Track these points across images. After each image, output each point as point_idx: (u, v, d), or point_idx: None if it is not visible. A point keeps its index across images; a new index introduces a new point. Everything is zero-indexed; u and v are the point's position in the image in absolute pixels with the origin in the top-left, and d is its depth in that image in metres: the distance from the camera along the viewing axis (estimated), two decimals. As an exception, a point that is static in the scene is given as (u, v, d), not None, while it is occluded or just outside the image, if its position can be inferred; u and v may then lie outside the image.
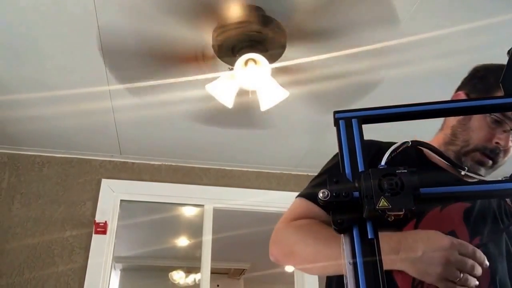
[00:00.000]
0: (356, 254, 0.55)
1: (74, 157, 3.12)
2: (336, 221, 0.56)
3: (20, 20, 1.91)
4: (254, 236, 4.25)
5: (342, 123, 0.64)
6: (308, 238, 0.96)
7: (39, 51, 2.10)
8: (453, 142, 1.09)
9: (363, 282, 0.53)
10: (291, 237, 1.00)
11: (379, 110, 0.65)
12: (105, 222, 2.92)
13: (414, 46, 2.06)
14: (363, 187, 0.56)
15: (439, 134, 1.16)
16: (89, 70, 2.23)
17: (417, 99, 0.67)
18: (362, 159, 0.60)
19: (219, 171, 3.31)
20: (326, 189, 0.57)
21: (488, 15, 1.89)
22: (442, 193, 0.58)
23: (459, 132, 1.08)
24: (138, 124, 2.76)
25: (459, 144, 1.08)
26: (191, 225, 4.14)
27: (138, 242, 4.85)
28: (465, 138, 1.07)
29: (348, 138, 0.62)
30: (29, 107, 2.52)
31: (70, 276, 2.79)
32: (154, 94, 2.40)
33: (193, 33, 1.97)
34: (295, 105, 2.49)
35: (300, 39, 2.01)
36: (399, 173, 0.55)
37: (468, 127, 1.07)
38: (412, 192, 0.54)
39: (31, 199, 2.96)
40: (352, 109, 0.65)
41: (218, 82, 2.06)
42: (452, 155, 1.08)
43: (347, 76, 2.28)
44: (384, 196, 0.54)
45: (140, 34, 1.99)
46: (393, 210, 0.53)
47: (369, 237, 0.55)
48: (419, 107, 0.66)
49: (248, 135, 2.90)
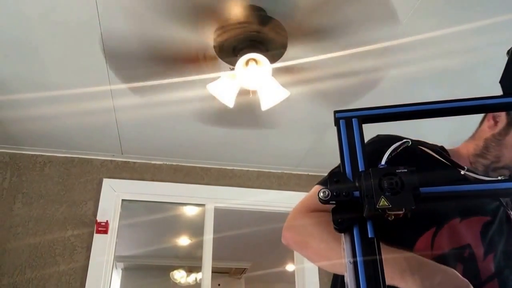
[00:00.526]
0: (356, 253, 0.55)
1: (75, 156, 3.13)
2: (336, 220, 0.57)
3: (21, 20, 1.91)
4: (255, 235, 4.26)
5: (343, 123, 0.64)
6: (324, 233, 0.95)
7: (40, 51, 2.11)
8: (484, 155, 1.06)
9: (363, 281, 0.53)
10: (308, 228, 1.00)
11: (379, 110, 0.66)
12: (107, 222, 2.93)
13: (414, 46, 2.06)
14: (364, 187, 0.56)
15: (470, 143, 1.12)
16: (91, 70, 2.23)
17: (417, 99, 0.67)
18: (362, 159, 0.61)
19: (220, 171, 3.32)
20: (326, 188, 0.57)
21: (488, 15, 1.89)
22: (442, 192, 0.58)
23: (492, 146, 1.05)
24: (139, 124, 2.77)
25: (489, 159, 1.05)
26: (192, 225, 4.14)
27: (139, 242, 4.85)
28: (497, 154, 1.04)
29: (349, 138, 0.63)
30: (31, 107, 2.52)
31: (71, 276, 2.80)
32: (156, 93, 2.40)
33: (194, 34, 1.97)
34: (296, 105, 2.49)
35: (301, 39, 2.01)
36: (399, 172, 0.56)
37: (502, 143, 1.04)
38: (412, 192, 0.55)
39: (33, 199, 2.96)
40: (352, 108, 0.65)
41: (219, 82, 2.07)
42: (481, 168, 1.06)
43: (347, 76, 2.28)
44: (384, 196, 0.54)
45: (141, 36, 2.00)
46: (393, 210, 0.54)
47: (369, 236, 0.55)
48: (419, 106, 0.66)
49: (249, 134, 2.91)
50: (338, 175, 0.59)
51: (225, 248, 3.85)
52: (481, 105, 0.66)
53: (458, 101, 0.65)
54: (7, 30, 1.97)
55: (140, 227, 4.20)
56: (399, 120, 0.67)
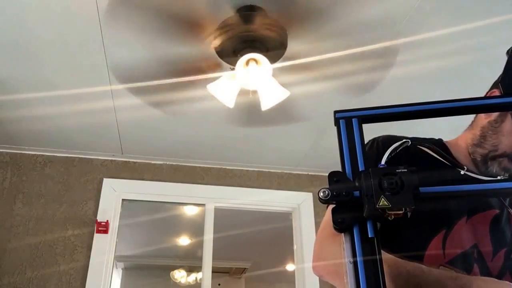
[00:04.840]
0: (356, 253, 0.55)
1: (76, 156, 3.13)
2: (336, 220, 0.57)
3: (22, 19, 1.91)
4: (255, 235, 4.26)
5: (343, 123, 0.64)
6: None
7: (41, 51, 2.11)
8: (481, 144, 1.03)
9: (364, 281, 0.53)
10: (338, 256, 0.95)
11: (379, 110, 0.66)
12: (107, 221, 2.93)
13: (414, 46, 2.06)
14: (363, 187, 0.56)
15: (467, 133, 1.10)
16: (91, 70, 2.23)
17: (417, 99, 0.67)
18: (362, 158, 0.61)
19: (220, 171, 3.32)
20: (326, 188, 0.57)
21: (488, 15, 1.89)
22: (442, 192, 0.59)
23: (489, 134, 1.02)
24: (139, 124, 2.77)
25: (487, 148, 1.02)
26: (193, 224, 4.14)
27: (139, 241, 4.85)
28: (494, 142, 1.01)
29: (349, 138, 0.63)
30: (31, 106, 2.52)
31: (72, 275, 2.80)
32: (156, 94, 2.40)
33: (193, 38, 1.97)
34: (296, 105, 2.49)
35: (301, 38, 2.02)
36: (399, 172, 0.56)
37: (499, 130, 1.01)
38: (412, 191, 0.55)
39: (33, 199, 2.96)
40: (352, 108, 0.65)
41: (219, 82, 2.07)
42: (479, 158, 1.03)
43: (348, 76, 2.28)
44: (384, 195, 0.54)
45: (143, 43, 2.00)
46: (393, 209, 0.54)
47: (369, 236, 0.56)
48: (419, 106, 0.66)
49: (249, 134, 2.91)
50: (338, 175, 0.59)
51: (225, 248, 3.85)
52: (481, 105, 0.66)
53: (458, 101, 0.65)
54: (7, 30, 1.97)
55: (140, 227, 4.20)
56: (399, 120, 0.67)
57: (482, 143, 1.03)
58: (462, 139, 1.10)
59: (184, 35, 1.98)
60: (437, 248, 0.92)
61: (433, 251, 0.91)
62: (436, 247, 0.92)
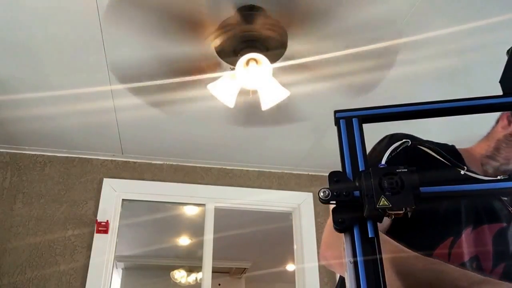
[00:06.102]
0: (357, 253, 0.55)
1: (76, 156, 3.13)
2: (337, 220, 0.57)
3: (22, 19, 1.91)
4: (255, 235, 4.26)
5: (343, 123, 0.64)
6: None
7: (41, 51, 2.11)
8: (494, 156, 1.03)
9: (364, 281, 0.53)
10: None
11: (379, 110, 0.66)
12: (107, 221, 2.93)
13: (414, 46, 2.06)
14: (364, 186, 0.56)
15: (483, 143, 1.09)
16: (91, 70, 2.23)
17: (417, 99, 0.67)
18: (362, 158, 0.61)
19: (220, 171, 3.32)
20: (326, 188, 0.57)
21: (488, 15, 1.89)
22: (442, 192, 0.58)
23: (503, 147, 1.02)
24: (139, 124, 2.77)
25: (499, 161, 1.02)
26: (193, 224, 4.14)
27: (139, 241, 4.85)
28: (507, 156, 1.01)
29: (349, 138, 0.63)
30: (31, 106, 2.52)
31: (72, 275, 2.80)
32: (156, 93, 2.40)
33: (194, 37, 1.97)
34: (296, 105, 2.49)
35: (301, 38, 2.02)
36: (399, 172, 0.56)
37: None
38: (412, 191, 0.55)
39: (33, 199, 2.96)
40: (352, 108, 0.65)
41: (220, 82, 2.07)
42: (491, 170, 1.03)
43: (348, 76, 2.29)
44: (385, 195, 0.54)
45: (143, 43, 2.00)
46: (393, 209, 0.54)
47: (369, 236, 0.56)
48: (419, 106, 0.66)
49: (249, 134, 2.91)
50: (338, 175, 0.59)
51: (225, 248, 3.85)
52: (481, 105, 0.66)
53: (458, 101, 0.65)
54: (7, 30, 1.97)
55: (140, 227, 4.21)
56: (400, 120, 0.67)
57: (495, 155, 1.03)
58: (477, 149, 1.10)
59: (184, 34, 1.98)
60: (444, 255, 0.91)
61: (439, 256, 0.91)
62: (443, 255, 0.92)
